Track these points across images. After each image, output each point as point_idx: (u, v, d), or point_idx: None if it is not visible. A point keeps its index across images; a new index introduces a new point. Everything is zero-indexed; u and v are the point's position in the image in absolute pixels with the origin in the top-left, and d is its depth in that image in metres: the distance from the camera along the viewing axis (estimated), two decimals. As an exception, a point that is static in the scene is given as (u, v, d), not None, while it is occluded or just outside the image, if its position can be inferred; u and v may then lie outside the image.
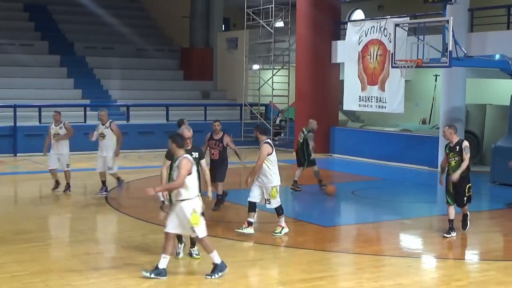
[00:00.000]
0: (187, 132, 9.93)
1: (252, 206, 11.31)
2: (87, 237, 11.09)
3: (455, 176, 11.15)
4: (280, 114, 27.14)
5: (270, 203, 11.29)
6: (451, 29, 15.20)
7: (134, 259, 9.72)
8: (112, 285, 8.53)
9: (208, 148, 13.89)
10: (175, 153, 8.96)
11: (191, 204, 8.78)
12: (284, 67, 26.45)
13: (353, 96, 22.13)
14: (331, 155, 23.16)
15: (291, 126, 24.97)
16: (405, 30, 17.97)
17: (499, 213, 14.19)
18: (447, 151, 11.44)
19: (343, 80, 23.24)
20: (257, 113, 26.61)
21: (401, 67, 16.41)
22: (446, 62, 15.51)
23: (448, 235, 11.25)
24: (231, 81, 29.44)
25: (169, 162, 9.74)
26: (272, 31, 25.80)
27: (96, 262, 9.60)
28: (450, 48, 15.31)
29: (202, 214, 8.97)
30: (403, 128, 23.02)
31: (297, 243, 11.09)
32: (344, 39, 22.94)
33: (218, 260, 8.76)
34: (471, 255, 10.83)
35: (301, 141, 16.05)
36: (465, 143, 11.32)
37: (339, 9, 24.72)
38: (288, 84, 26.11)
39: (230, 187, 14.96)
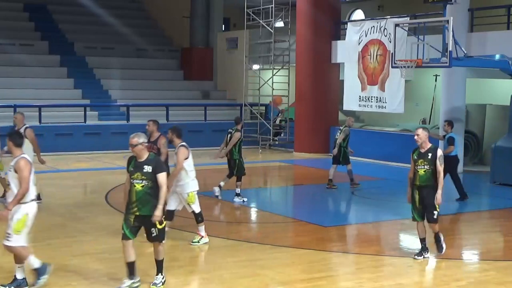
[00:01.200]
0: (131, 139, 8.54)
1: (169, 215, 10.23)
2: (87, 237, 11.09)
3: (438, 197, 9.76)
4: (280, 114, 27.13)
5: (191, 207, 10.64)
6: (451, 29, 15.21)
7: (134, 259, 9.72)
8: (112, 285, 8.53)
9: None
10: None
11: (25, 208, 8.19)
12: (284, 67, 26.44)
13: (353, 96, 22.13)
14: (331, 155, 23.12)
15: (291, 126, 24.97)
16: (405, 30, 17.98)
17: (499, 213, 14.19)
18: (415, 157, 9.90)
19: (343, 80, 23.25)
20: (257, 113, 26.61)
21: (401, 67, 16.42)
22: (446, 62, 15.52)
23: (419, 257, 9.90)
24: (231, 81, 29.43)
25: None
26: (272, 31, 25.79)
27: (96, 262, 9.59)
28: (450, 48, 15.32)
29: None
30: (403, 128, 23.01)
31: (297, 243, 11.10)
32: (344, 39, 22.94)
33: (36, 265, 8.35)
34: (471, 255, 10.82)
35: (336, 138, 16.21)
36: (440, 152, 9.87)
37: (339, 9, 24.73)
38: (288, 84, 26.10)
39: (229, 187, 14.94)
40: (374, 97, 21.24)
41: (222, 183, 14.78)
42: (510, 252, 11.01)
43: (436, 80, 24.15)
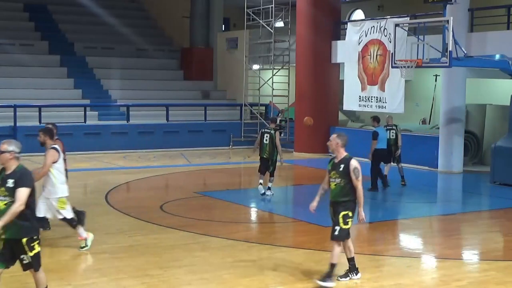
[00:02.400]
0: (1, 145, 7.18)
1: (43, 223, 9.94)
2: (87, 237, 11.07)
3: (361, 216, 8.72)
4: (280, 114, 27.14)
5: (61, 214, 10.10)
6: (451, 29, 15.22)
7: (134, 259, 9.73)
8: (112, 285, 8.53)
9: None
10: None
11: None
12: (284, 67, 26.45)
13: (353, 96, 22.14)
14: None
15: (291, 126, 24.98)
16: (405, 30, 17.99)
17: (499, 213, 14.19)
18: (329, 168, 8.72)
19: (343, 80, 23.25)
20: (257, 113, 26.62)
21: (401, 67, 16.43)
22: (446, 62, 15.53)
23: (344, 279, 8.73)
24: (231, 81, 29.44)
25: None
26: (272, 31, 25.80)
27: (96, 262, 9.59)
28: (450, 48, 15.33)
29: None
30: (403, 128, 22.99)
31: (297, 243, 11.10)
32: (344, 39, 22.94)
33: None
34: (471, 255, 10.82)
35: (393, 137, 16.47)
36: (354, 164, 8.47)
37: (339, 9, 24.73)
38: (288, 84, 26.11)
39: (230, 186, 14.92)
40: (374, 97, 21.25)
41: (261, 181, 15.05)
42: (510, 252, 11.00)
43: (436, 80, 24.15)
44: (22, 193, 6.92)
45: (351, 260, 8.79)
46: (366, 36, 21.56)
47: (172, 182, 17.78)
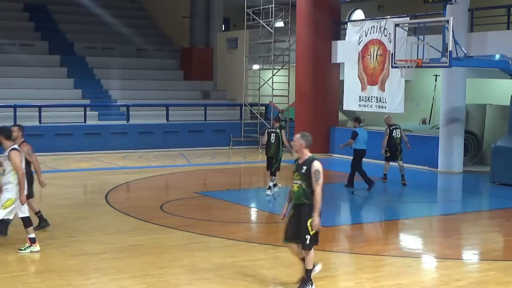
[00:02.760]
0: None
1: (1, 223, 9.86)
2: (87, 237, 11.09)
3: (315, 220, 8.08)
4: (280, 114, 27.14)
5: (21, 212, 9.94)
6: (451, 29, 15.22)
7: (134, 259, 9.73)
8: (112, 285, 8.53)
9: None
10: None
11: None
12: (284, 67, 26.45)
13: (353, 96, 22.13)
14: (331, 155, 23.17)
15: (291, 126, 24.96)
16: (405, 30, 17.99)
17: (499, 213, 14.19)
18: (294, 169, 8.30)
19: (343, 80, 23.24)
20: (257, 113, 26.62)
21: (401, 67, 16.43)
22: (446, 62, 15.53)
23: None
24: (231, 81, 29.44)
25: None
26: (272, 31, 25.80)
27: (96, 262, 9.59)
28: (450, 48, 15.33)
29: None
30: (403, 128, 22.97)
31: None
32: (344, 39, 22.94)
33: None
34: (471, 255, 10.82)
35: (399, 136, 17.10)
36: (316, 166, 8.08)
37: (339, 9, 24.73)
38: (288, 84, 26.12)
39: (230, 186, 14.93)
40: (374, 97, 21.24)
41: (271, 183, 15.41)
42: (510, 252, 11.00)
43: (436, 80, 24.15)
44: None
45: (308, 272, 8.27)
46: (366, 36, 21.55)
47: (172, 182, 17.79)
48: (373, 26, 21.32)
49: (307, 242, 8.16)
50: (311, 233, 8.12)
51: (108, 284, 8.57)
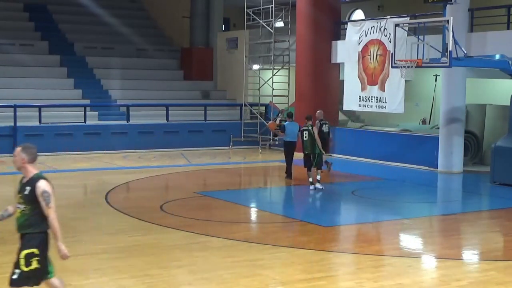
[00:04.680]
0: None
1: None
2: (87, 237, 11.09)
3: (62, 253, 7.05)
4: (280, 114, 27.14)
5: None
6: (451, 29, 15.22)
7: (134, 259, 9.73)
8: (112, 285, 8.53)
9: None
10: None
11: None
12: (284, 67, 26.44)
13: (353, 96, 22.14)
14: (331, 155, 23.15)
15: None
16: (405, 30, 17.99)
17: (499, 213, 14.19)
18: (18, 190, 6.86)
19: (343, 80, 23.25)
20: (257, 113, 26.62)
21: (401, 67, 16.44)
22: (446, 62, 15.54)
23: None
24: (231, 81, 29.44)
25: None
26: (272, 31, 25.80)
27: (96, 262, 9.59)
28: (450, 48, 15.33)
29: None
30: (403, 128, 23.02)
31: (297, 243, 11.09)
32: (344, 39, 22.95)
33: None
34: (471, 255, 10.82)
35: (326, 131, 18.60)
36: (42, 186, 6.62)
37: (339, 9, 24.73)
38: (288, 84, 26.11)
39: (230, 186, 14.92)
40: (374, 97, 21.25)
41: (311, 179, 16.00)
42: (510, 252, 11.00)
43: (436, 80, 24.16)
44: None
45: None
46: (366, 36, 21.56)
47: (172, 182, 17.78)
48: (373, 26, 21.33)
49: (14, 276, 6.71)
50: (23, 268, 6.73)
51: (108, 284, 8.56)
